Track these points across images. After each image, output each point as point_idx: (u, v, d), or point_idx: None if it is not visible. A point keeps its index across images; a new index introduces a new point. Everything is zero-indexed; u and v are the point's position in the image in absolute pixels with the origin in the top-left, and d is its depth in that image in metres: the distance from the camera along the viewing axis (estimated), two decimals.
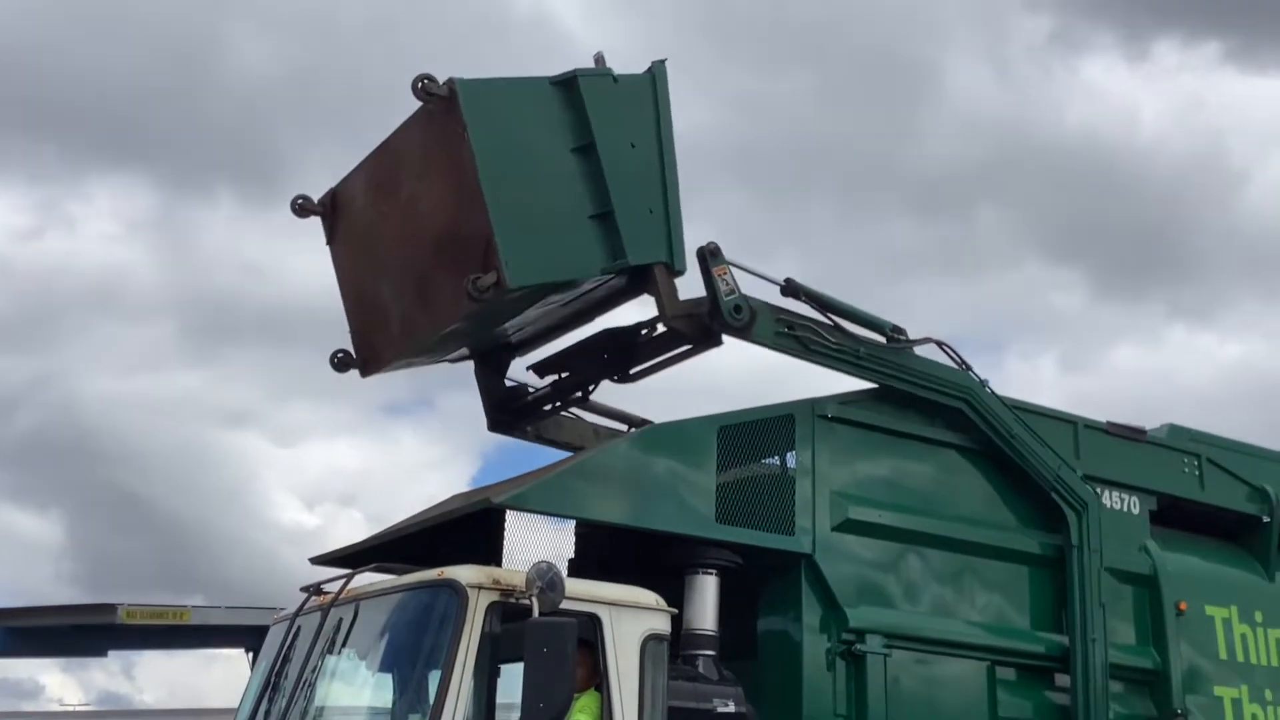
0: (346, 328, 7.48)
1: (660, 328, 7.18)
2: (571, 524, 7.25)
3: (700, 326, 6.80)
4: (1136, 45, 36.32)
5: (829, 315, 7.09)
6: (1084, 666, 7.42)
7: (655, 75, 6.75)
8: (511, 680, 5.53)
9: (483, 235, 6.15)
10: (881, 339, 7.24)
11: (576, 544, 7.46)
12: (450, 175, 6.40)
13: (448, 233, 6.48)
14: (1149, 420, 8.79)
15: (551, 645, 5.20)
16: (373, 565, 6.27)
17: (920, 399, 7.39)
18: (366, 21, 33.65)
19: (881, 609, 6.92)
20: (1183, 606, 8.04)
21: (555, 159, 6.45)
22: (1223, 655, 8.23)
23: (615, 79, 6.65)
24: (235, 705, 6.68)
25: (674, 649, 6.12)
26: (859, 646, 6.69)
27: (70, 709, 28.82)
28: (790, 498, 6.80)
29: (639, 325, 7.36)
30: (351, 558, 6.98)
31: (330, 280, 7.52)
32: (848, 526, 6.94)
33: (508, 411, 8.00)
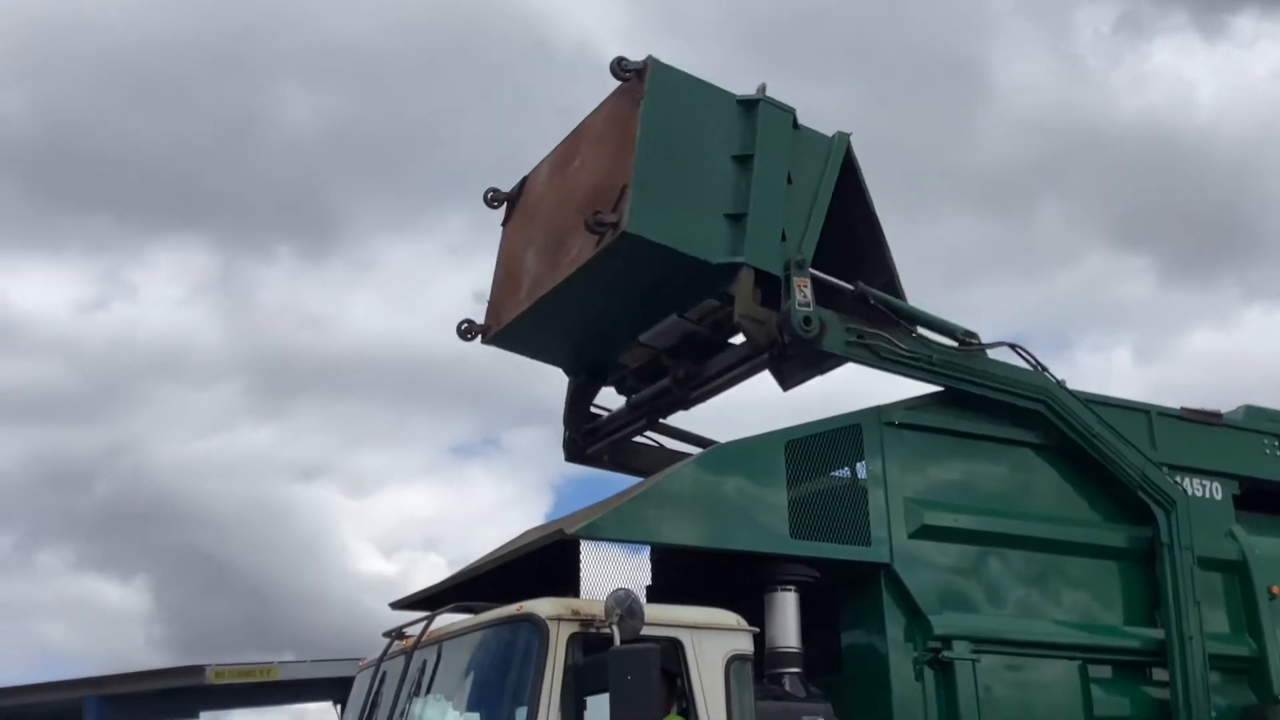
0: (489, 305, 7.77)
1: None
2: (647, 550, 7.26)
3: (768, 335, 6.85)
4: (1211, 20, 35.27)
5: (900, 321, 7.12)
6: (1182, 663, 7.27)
7: (836, 141, 7.25)
8: (598, 711, 5.52)
9: (623, 184, 6.51)
10: (953, 343, 7.22)
11: (653, 570, 7.47)
12: (618, 140, 6.82)
13: (594, 188, 6.85)
14: (1230, 404, 8.64)
15: (635, 673, 5.17)
16: (452, 605, 6.30)
17: (988, 400, 7.31)
18: (409, 69, 34.07)
19: (966, 614, 6.84)
20: (1275, 590, 7.86)
21: (714, 155, 6.88)
22: None
23: (796, 124, 7.12)
24: None
25: (759, 668, 6.08)
26: (946, 654, 6.60)
27: None
28: (864, 508, 6.74)
29: (713, 326, 7.35)
30: (431, 599, 7.03)
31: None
32: (925, 533, 6.87)
33: (585, 437, 8.19)
